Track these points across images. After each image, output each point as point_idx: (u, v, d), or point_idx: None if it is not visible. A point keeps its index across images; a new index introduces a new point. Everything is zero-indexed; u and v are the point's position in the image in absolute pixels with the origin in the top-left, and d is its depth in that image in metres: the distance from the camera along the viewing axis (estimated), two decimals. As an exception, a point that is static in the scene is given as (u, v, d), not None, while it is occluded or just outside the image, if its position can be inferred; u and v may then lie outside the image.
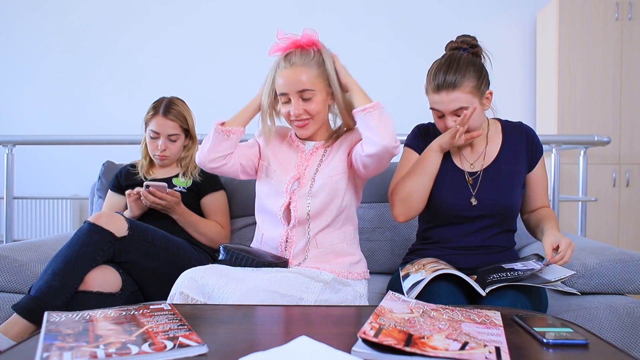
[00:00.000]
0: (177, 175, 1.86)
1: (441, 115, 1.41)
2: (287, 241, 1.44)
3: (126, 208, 1.83)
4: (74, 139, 2.79)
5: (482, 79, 1.38)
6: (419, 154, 1.52)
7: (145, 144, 1.90)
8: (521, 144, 1.48)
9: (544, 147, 2.51)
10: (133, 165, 1.94)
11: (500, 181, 1.44)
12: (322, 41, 1.45)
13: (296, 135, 1.52)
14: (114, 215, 1.51)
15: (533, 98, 3.84)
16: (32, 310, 1.33)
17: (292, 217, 1.41)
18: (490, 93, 1.42)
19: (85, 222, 1.48)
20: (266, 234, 1.49)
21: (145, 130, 1.88)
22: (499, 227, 1.46)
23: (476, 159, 1.48)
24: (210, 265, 1.35)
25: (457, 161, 1.49)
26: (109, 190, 1.92)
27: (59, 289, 1.36)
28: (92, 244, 1.43)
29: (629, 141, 3.44)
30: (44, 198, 3.34)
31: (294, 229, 1.43)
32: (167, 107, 1.84)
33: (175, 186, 1.82)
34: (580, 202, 2.42)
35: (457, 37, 1.46)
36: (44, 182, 3.90)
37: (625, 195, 3.43)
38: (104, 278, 1.44)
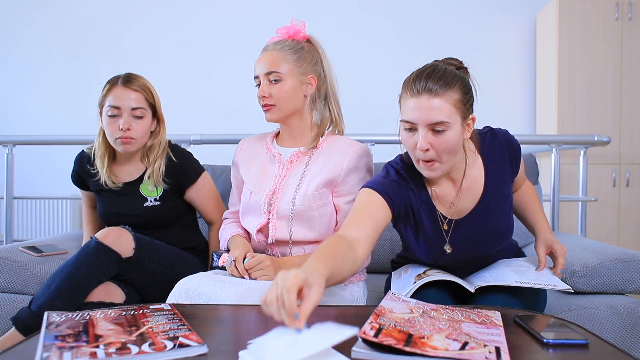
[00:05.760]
0: (142, 179, 1.60)
1: (412, 129, 1.16)
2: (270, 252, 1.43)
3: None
4: (74, 139, 2.78)
5: (468, 96, 1.16)
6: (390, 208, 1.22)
7: (101, 138, 1.60)
8: (504, 160, 1.27)
9: (544, 147, 2.52)
10: (90, 163, 1.64)
11: (487, 222, 1.26)
12: (320, 39, 1.46)
13: (275, 142, 1.49)
14: (122, 232, 1.45)
15: (533, 98, 3.83)
16: (32, 328, 1.31)
17: (271, 235, 1.38)
18: (473, 119, 1.19)
19: (92, 238, 1.43)
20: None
21: (101, 116, 1.56)
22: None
23: (457, 208, 1.26)
24: (203, 272, 1.34)
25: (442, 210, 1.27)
26: (81, 190, 1.74)
27: (62, 309, 1.31)
28: (99, 266, 1.39)
29: (629, 141, 3.44)
30: (44, 198, 3.34)
31: (274, 245, 1.41)
32: (128, 78, 1.55)
33: (147, 199, 1.59)
34: (580, 202, 2.42)
35: (443, 59, 1.28)
36: (44, 182, 3.89)
37: (625, 195, 3.43)
38: (107, 294, 1.42)
